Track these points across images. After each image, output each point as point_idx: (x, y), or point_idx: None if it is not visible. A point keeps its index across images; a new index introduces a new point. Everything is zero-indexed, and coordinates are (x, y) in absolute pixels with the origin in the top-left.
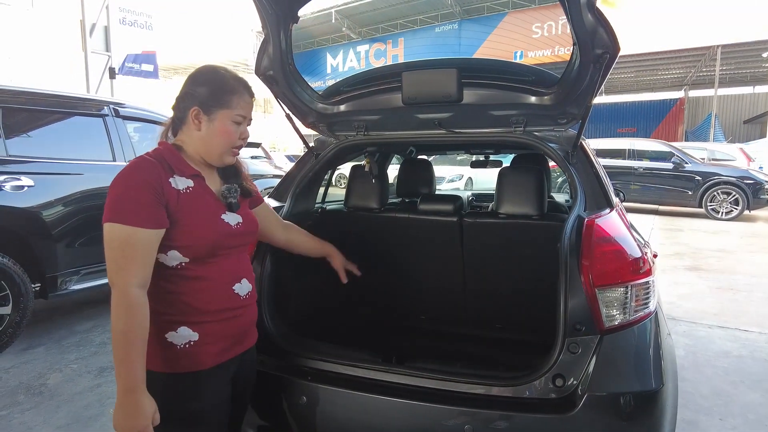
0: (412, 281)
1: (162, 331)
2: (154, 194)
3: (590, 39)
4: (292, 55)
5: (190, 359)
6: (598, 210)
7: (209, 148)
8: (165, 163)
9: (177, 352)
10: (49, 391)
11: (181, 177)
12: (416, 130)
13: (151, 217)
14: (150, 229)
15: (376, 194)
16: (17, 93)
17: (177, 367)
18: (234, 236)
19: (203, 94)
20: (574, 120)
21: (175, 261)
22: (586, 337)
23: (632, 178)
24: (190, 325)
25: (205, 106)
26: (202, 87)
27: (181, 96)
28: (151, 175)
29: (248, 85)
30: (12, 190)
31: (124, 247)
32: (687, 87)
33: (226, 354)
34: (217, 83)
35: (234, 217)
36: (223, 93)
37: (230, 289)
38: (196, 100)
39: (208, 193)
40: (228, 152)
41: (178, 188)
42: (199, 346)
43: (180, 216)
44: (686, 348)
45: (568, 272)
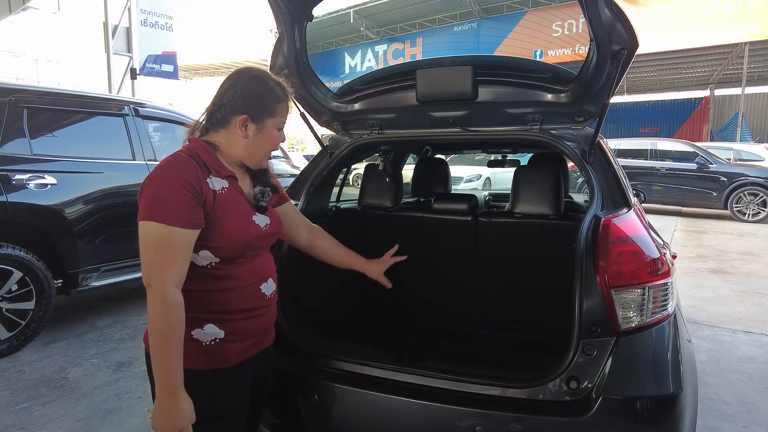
0: (427, 281)
1: (188, 328)
2: (193, 194)
3: (607, 35)
4: (307, 53)
5: (215, 356)
6: (616, 209)
7: (253, 154)
8: (201, 162)
9: (202, 349)
10: (70, 385)
11: (217, 177)
12: (431, 128)
13: (189, 217)
14: (188, 230)
15: (390, 193)
16: (41, 93)
17: (201, 363)
18: (263, 237)
19: (253, 103)
20: (592, 118)
21: (206, 261)
22: (601, 339)
23: (654, 179)
24: (216, 323)
25: (255, 114)
26: (251, 95)
27: (227, 100)
28: (191, 174)
29: (287, 89)
30: (36, 188)
31: (162, 247)
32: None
33: (249, 352)
34: (266, 92)
35: (263, 218)
36: (272, 101)
37: (258, 288)
38: (246, 108)
39: (241, 194)
40: (267, 156)
41: (214, 188)
42: (224, 343)
43: (215, 216)
44: (709, 353)
45: (583, 273)
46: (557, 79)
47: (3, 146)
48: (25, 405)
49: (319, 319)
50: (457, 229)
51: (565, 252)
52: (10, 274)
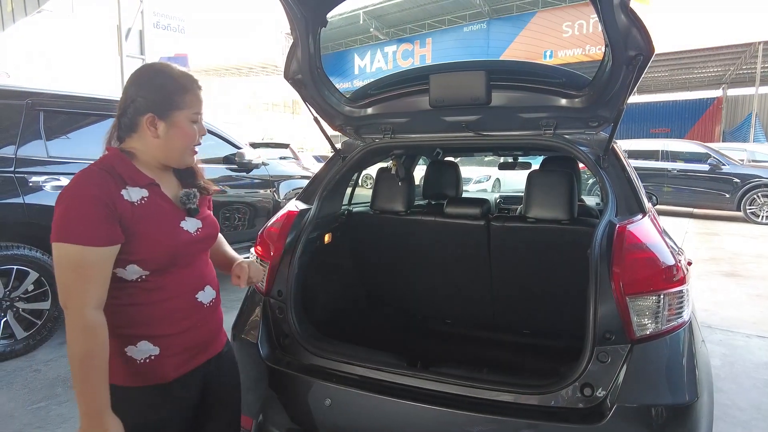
0: (438, 285)
1: (122, 345)
2: (105, 209)
3: (623, 40)
4: (321, 59)
5: (151, 373)
6: (630, 215)
7: (170, 153)
8: (116, 174)
9: (138, 367)
10: None
11: (134, 187)
12: (444, 132)
13: (102, 234)
14: (103, 247)
15: (402, 197)
16: (57, 96)
17: (138, 381)
18: (194, 243)
19: (155, 99)
20: (606, 123)
21: (135, 275)
22: (616, 346)
23: (666, 180)
24: (150, 339)
25: (160, 110)
26: (151, 91)
27: (130, 102)
28: (101, 189)
29: (195, 79)
30: (52, 190)
31: (76, 268)
32: (725, 85)
33: (189, 364)
34: (167, 85)
35: (194, 222)
36: (176, 94)
37: (193, 298)
38: (150, 106)
39: (164, 201)
40: (189, 153)
41: (132, 200)
42: (161, 359)
43: (137, 229)
44: (723, 358)
45: (598, 279)
46: (571, 84)
47: (20, 149)
48: (42, 404)
49: (330, 324)
50: (469, 233)
51: (578, 257)
52: (26, 274)
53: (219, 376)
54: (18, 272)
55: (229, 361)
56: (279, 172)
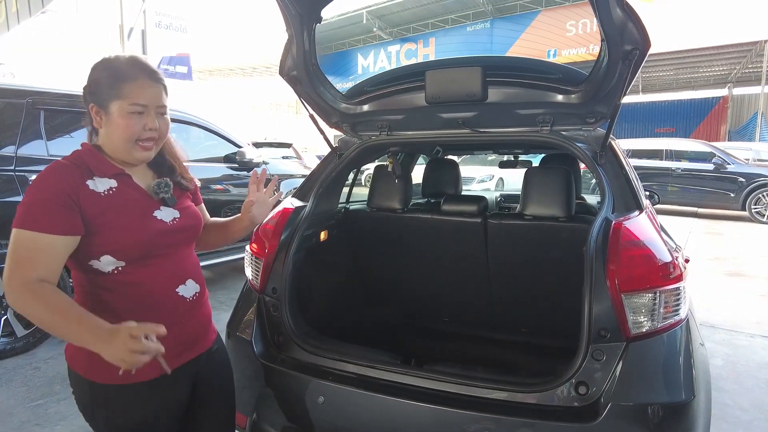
0: (435, 282)
1: None
2: (64, 199)
3: (619, 35)
4: (316, 55)
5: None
6: (627, 212)
7: (113, 145)
8: (83, 166)
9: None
10: None
11: (102, 178)
12: (440, 129)
13: (58, 223)
14: (57, 235)
15: (399, 194)
16: (58, 95)
17: (119, 379)
18: (170, 233)
19: (96, 88)
20: (603, 119)
21: (111, 266)
22: (611, 344)
23: (670, 180)
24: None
25: (99, 100)
26: (94, 81)
27: (82, 94)
28: (62, 180)
29: (148, 68)
30: None
31: (29, 254)
32: (731, 84)
33: (176, 361)
34: (106, 73)
35: (170, 212)
36: (114, 81)
37: (174, 292)
38: (90, 97)
39: (136, 190)
40: (133, 147)
41: (98, 191)
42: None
43: (105, 219)
44: (725, 357)
45: (593, 276)
46: (568, 79)
47: (20, 147)
48: (41, 402)
49: (326, 321)
50: (466, 230)
51: (575, 254)
52: None
53: (210, 373)
54: None
55: (221, 358)
56: (280, 171)
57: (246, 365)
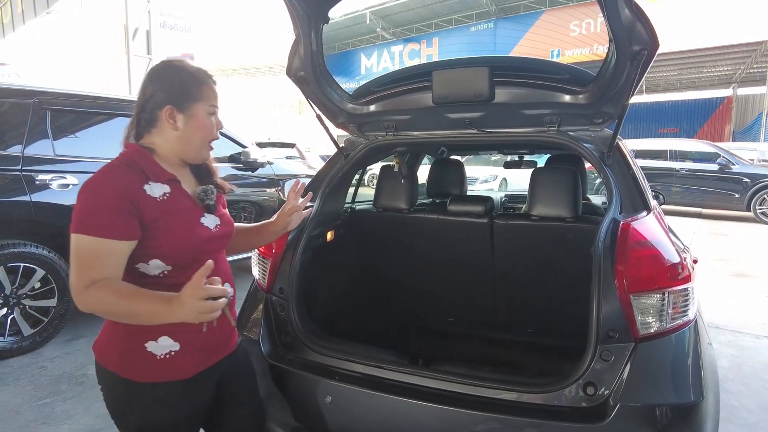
0: (442, 283)
1: (142, 340)
2: (126, 204)
3: (627, 35)
4: (323, 55)
5: (170, 369)
6: (635, 213)
7: (188, 146)
8: (138, 169)
9: (157, 363)
10: (90, 381)
11: (156, 183)
12: (447, 130)
13: (121, 228)
14: (120, 241)
15: (405, 195)
16: (64, 95)
17: (156, 376)
18: (214, 240)
19: (173, 92)
20: (610, 119)
21: (157, 270)
22: (619, 344)
23: (674, 180)
24: (171, 335)
25: (179, 103)
26: (169, 84)
27: (149, 96)
28: (123, 184)
29: (210, 74)
30: (59, 188)
31: (92, 259)
32: (736, 85)
33: (206, 362)
34: (184, 78)
35: (213, 219)
36: (193, 86)
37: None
38: (168, 99)
39: (185, 197)
40: (206, 146)
41: (154, 195)
42: (181, 355)
43: (160, 224)
44: (731, 359)
45: (601, 277)
46: (575, 80)
47: (27, 147)
48: (48, 400)
49: (332, 321)
50: (472, 231)
51: (582, 255)
52: (33, 272)
53: (233, 372)
54: (25, 269)
55: (242, 354)
56: (284, 170)
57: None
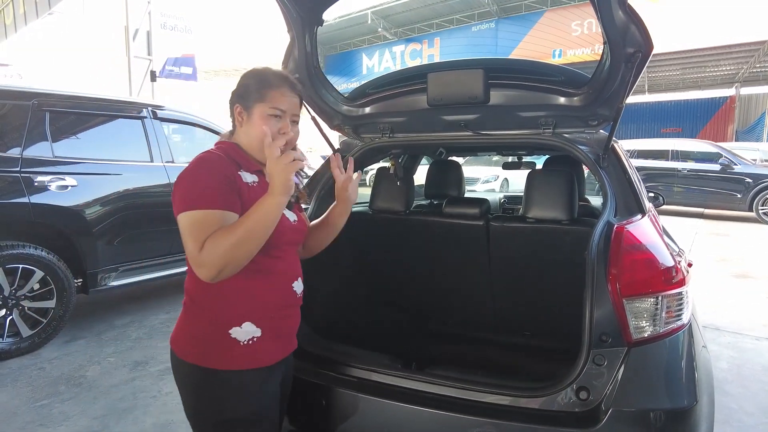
0: (437, 285)
1: (226, 326)
2: (227, 180)
3: (621, 37)
4: (318, 57)
5: (252, 356)
6: (629, 215)
7: (251, 144)
8: (231, 158)
9: (240, 349)
10: (88, 383)
11: (246, 172)
12: (442, 132)
13: (224, 200)
14: (225, 211)
15: (401, 196)
16: (63, 97)
17: (241, 364)
18: (293, 231)
19: (243, 91)
20: (606, 121)
21: None
22: (612, 349)
23: (676, 180)
24: (254, 321)
25: (244, 101)
26: (243, 86)
27: (230, 97)
28: (223, 165)
29: (290, 80)
30: (57, 190)
31: (205, 228)
32: (738, 84)
33: (281, 353)
34: (255, 79)
35: (291, 214)
36: (260, 87)
37: (290, 286)
38: (238, 98)
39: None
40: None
41: (246, 181)
42: (262, 342)
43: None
44: (730, 360)
45: (594, 280)
46: (570, 82)
47: (26, 149)
48: (45, 402)
49: (327, 324)
50: (468, 233)
51: (578, 258)
52: (32, 273)
53: (287, 375)
54: (23, 271)
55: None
56: None
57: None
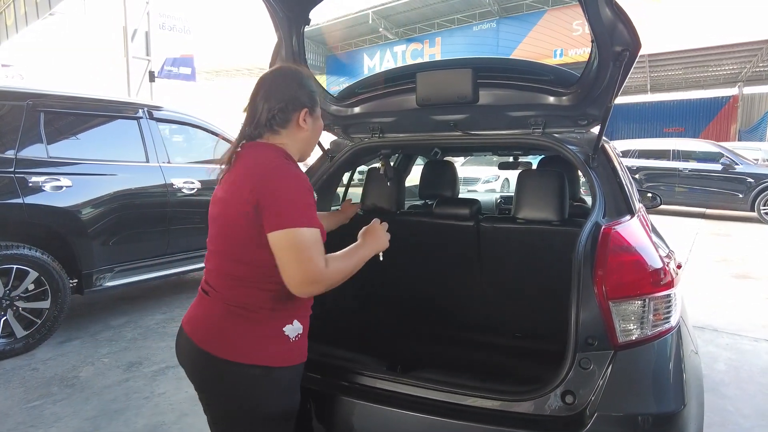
0: (428, 286)
1: (281, 324)
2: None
3: (609, 36)
4: (305, 57)
5: (297, 351)
6: (618, 217)
7: (308, 147)
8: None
9: (290, 345)
10: (81, 384)
11: None
12: (432, 132)
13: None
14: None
15: (391, 197)
16: (57, 98)
17: (289, 359)
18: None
19: (309, 96)
20: (595, 121)
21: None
22: (598, 352)
23: (677, 180)
24: (300, 318)
25: (311, 106)
26: (306, 90)
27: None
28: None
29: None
30: (52, 191)
31: (319, 245)
32: (741, 83)
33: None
34: (313, 82)
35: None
36: (318, 91)
37: None
38: (305, 102)
39: None
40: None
41: None
42: (302, 338)
43: None
44: (728, 362)
45: (580, 282)
46: (559, 81)
47: (20, 150)
48: (37, 403)
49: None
50: (458, 234)
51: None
52: (26, 274)
53: None
54: (18, 271)
55: None
56: None
57: None
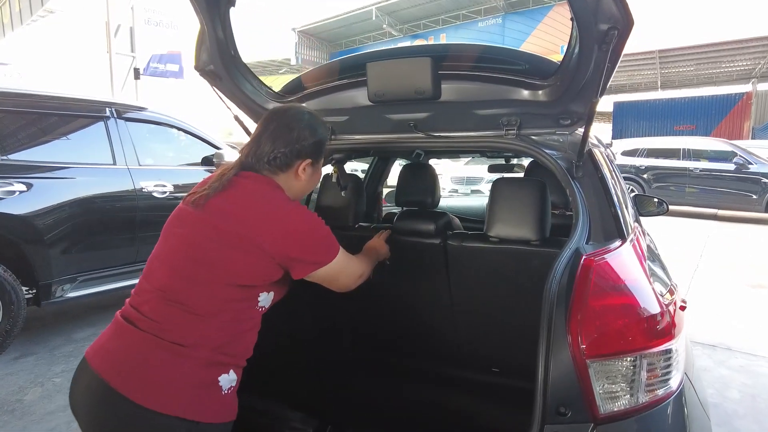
0: (393, 311)
1: (217, 372)
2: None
3: (592, 12)
4: (235, 45)
5: (229, 406)
6: (606, 241)
7: (300, 195)
8: None
9: (221, 398)
10: (22, 409)
11: None
12: (391, 133)
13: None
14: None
15: (347, 209)
16: (13, 95)
17: (219, 415)
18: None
19: (317, 147)
20: (580, 120)
21: (267, 302)
22: (573, 425)
23: (688, 180)
24: (236, 369)
25: (316, 157)
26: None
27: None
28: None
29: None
30: (3, 195)
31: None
32: (755, 80)
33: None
34: (323, 135)
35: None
36: (324, 143)
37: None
38: (312, 152)
39: None
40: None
41: None
42: (234, 392)
43: None
44: (742, 389)
45: (551, 330)
46: (535, 71)
47: None
48: None
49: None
50: (424, 252)
51: None
52: None
53: None
54: None
55: None
56: None
57: None
